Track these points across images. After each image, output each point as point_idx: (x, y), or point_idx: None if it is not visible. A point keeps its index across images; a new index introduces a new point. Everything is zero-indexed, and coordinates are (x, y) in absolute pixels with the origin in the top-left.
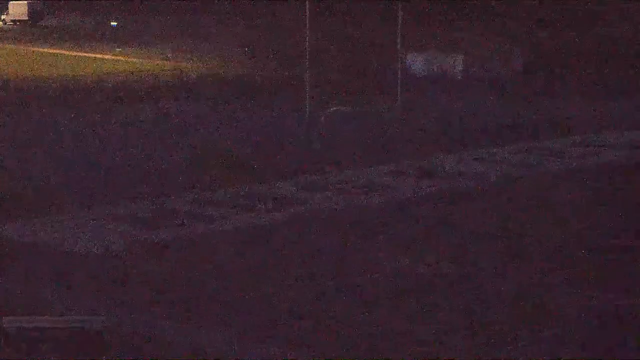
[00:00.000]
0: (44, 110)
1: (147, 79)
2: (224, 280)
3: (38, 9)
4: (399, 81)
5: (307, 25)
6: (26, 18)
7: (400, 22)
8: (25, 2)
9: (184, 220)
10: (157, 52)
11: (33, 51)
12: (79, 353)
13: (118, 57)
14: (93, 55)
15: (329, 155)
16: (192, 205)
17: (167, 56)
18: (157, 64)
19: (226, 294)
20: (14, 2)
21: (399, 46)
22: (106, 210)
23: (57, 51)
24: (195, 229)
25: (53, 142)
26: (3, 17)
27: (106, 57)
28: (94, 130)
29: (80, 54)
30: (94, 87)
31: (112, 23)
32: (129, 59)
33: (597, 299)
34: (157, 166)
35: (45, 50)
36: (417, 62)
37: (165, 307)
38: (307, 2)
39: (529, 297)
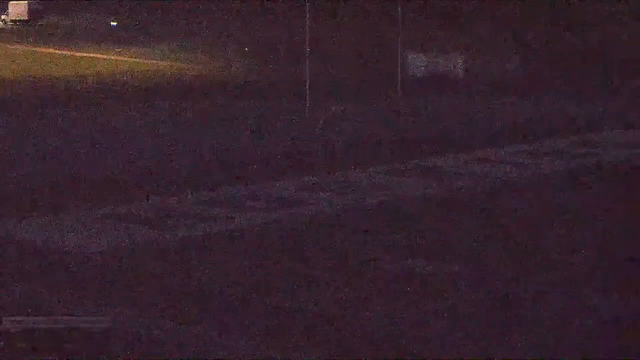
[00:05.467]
0: (43, 110)
1: (146, 79)
2: (225, 280)
3: (38, 9)
4: (399, 81)
5: (307, 25)
6: (26, 18)
7: (400, 22)
8: (25, 2)
9: (183, 220)
10: (157, 52)
11: (33, 51)
12: (80, 354)
13: (118, 57)
14: (93, 55)
15: (328, 155)
16: (193, 205)
17: (167, 56)
18: (157, 64)
19: (227, 294)
20: (14, 2)
21: (399, 46)
22: (107, 210)
23: (57, 51)
24: (196, 229)
25: (53, 141)
26: (3, 17)
27: (106, 57)
28: (94, 130)
29: (80, 54)
30: (94, 87)
31: (112, 23)
32: (129, 59)
33: (598, 299)
34: (157, 166)
35: (45, 50)
36: (417, 62)
37: (167, 308)
38: (307, 2)
39: (529, 297)
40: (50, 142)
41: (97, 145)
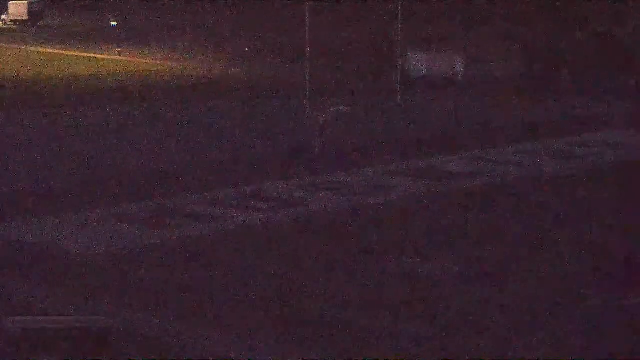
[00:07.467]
0: (44, 110)
1: (146, 79)
2: (224, 280)
3: (38, 9)
4: (399, 81)
5: (307, 25)
6: (26, 18)
7: (400, 22)
8: (25, 2)
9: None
10: (157, 52)
11: (33, 51)
12: (80, 354)
13: (118, 57)
14: (93, 55)
15: (329, 156)
16: (193, 205)
17: (167, 56)
18: (157, 64)
19: (227, 294)
20: (14, 2)
21: (399, 46)
22: (107, 210)
23: (57, 51)
24: (196, 229)
25: (53, 142)
26: (3, 17)
27: (106, 57)
28: (93, 130)
29: (80, 54)
30: (93, 87)
31: (112, 23)
32: (129, 59)
33: (597, 299)
34: (157, 166)
35: (45, 50)
36: (417, 62)
37: (167, 308)
38: (307, 2)
39: (529, 297)
40: (47, 141)
41: (96, 145)
